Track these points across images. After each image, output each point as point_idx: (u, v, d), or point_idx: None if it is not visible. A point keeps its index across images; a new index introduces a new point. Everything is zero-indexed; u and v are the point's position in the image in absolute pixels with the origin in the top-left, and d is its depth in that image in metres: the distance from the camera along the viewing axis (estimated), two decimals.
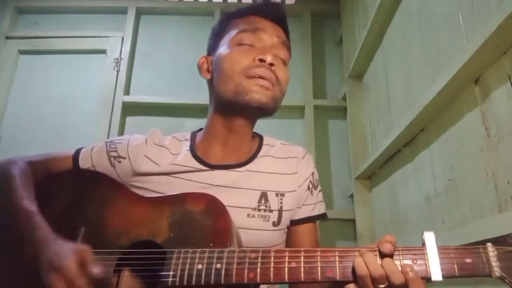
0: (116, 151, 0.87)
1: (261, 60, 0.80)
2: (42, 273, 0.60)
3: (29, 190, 0.75)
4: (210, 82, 0.89)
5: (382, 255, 0.57)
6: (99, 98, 2.27)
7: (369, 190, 1.91)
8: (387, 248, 0.57)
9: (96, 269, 0.56)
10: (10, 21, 2.42)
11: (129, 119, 2.31)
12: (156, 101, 2.27)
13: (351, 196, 2.01)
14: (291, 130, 2.26)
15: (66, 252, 0.61)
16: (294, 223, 0.88)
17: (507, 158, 0.85)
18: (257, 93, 0.79)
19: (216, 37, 0.91)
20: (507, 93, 0.85)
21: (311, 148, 2.16)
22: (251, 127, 0.89)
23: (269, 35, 0.84)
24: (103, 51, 2.37)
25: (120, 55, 2.36)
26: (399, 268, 0.56)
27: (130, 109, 2.32)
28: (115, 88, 2.29)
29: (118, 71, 2.32)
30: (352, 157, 2.00)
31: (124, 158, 0.86)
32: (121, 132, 2.24)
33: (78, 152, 0.88)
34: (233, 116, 0.85)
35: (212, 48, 0.91)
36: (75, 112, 2.28)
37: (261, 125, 0.91)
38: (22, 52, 2.38)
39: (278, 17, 0.89)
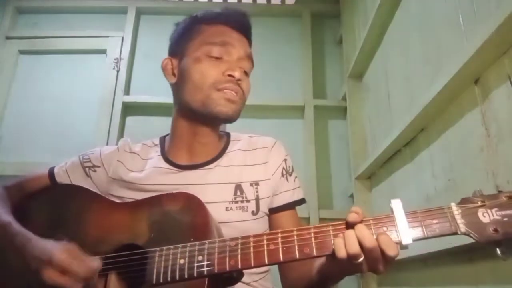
0: (90, 161, 0.91)
1: (230, 76, 0.84)
2: (33, 272, 0.60)
3: (4, 207, 0.77)
4: (175, 86, 0.94)
5: (349, 225, 0.60)
6: (99, 98, 2.27)
7: (369, 190, 1.91)
8: (352, 217, 0.60)
9: (92, 263, 0.61)
10: (10, 21, 2.42)
11: (129, 119, 2.31)
12: (156, 101, 2.26)
13: (351, 196, 2.01)
14: (291, 130, 2.25)
15: (53, 245, 0.63)
16: (274, 211, 0.90)
17: (507, 158, 0.85)
18: (225, 107, 0.84)
19: (182, 39, 0.94)
20: (507, 93, 0.85)
21: (311, 148, 2.15)
22: (217, 130, 0.93)
23: (237, 49, 0.88)
24: (103, 51, 2.37)
25: (120, 55, 2.36)
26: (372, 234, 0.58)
27: (130, 109, 2.31)
28: (115, 88, 2.28)
29: (118, 71, 2.32)
30: (352, 157, 2.00)
31: (99, 166, 0.90)
32: (121, 132, 2.24)
33: (52, 169, 0.91)
34: (199, 123, 0.89)
35: (177, 51, 0.94)
36: (75, 112, 2.27)
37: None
38: (22, 52, 2.38)
39: (245, 28, 0.92)
